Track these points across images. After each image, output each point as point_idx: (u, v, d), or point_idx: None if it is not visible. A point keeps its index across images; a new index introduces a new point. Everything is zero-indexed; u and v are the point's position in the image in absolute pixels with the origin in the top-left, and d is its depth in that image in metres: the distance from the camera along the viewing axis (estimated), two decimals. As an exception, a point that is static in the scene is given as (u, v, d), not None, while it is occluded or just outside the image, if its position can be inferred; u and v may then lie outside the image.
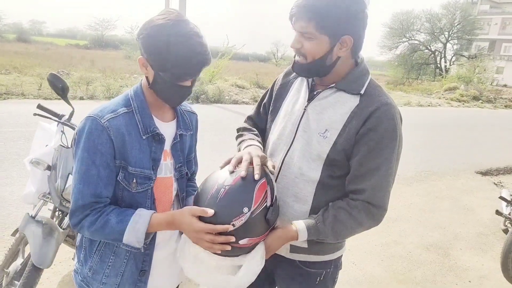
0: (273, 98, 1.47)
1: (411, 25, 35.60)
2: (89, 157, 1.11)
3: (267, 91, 1.53)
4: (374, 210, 1.24)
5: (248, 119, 1.58)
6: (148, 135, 1.19)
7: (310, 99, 1.31)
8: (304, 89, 1.35)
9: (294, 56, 1.27)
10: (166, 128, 1.26)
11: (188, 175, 1.39)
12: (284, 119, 1.37)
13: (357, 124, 1.21)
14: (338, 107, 1.25)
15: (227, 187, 1.11)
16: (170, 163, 1.28)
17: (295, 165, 1.29)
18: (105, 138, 1.12)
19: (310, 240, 1.28)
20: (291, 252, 1.35)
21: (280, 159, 1.33)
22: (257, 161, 1.18)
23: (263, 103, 1.53)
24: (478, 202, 5.05)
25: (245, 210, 1.09)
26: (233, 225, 1.08)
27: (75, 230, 1.17)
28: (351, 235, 1.29)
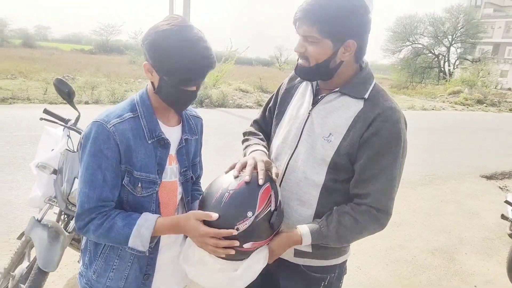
0: (278, 102, 1.48)
1: (414, 29, 35.57)
2: (95, 162, 1.13)
3: (273, 95, 1.54)
4: (379, 214, 1.23)
5: (254, 122, 1.59)
6: (153, 140, 1.20)
7: (315, 103, 1.32)
8: (309, 93, 1.36)
9: (298, 60, 1.28)
10: (172, 133, 1.26)
11: (193, 179, 1.39)
12: (288, 123, 1.38)
13: (361, 129, 1.21)
14: (342, 111, 1.26)
15: (231, 192, 1.12)
16: (175, 167, 1.28)
17: (299, 169, 1.30)
18: (111, 142, 1.13)
19: (314, 245, 1.28)
20: (295, 256, 1.35)
21: (284, 163, 1.34)
22: (261, 166, 1.19)
23: (269, 107, 1.54)
24: (483, 206, 5.01)
25: (249, 214, 1.09)
26: (237, 229, 1.09)
27: (81, 233, 1.19)
28: (355, 239, 1.29)
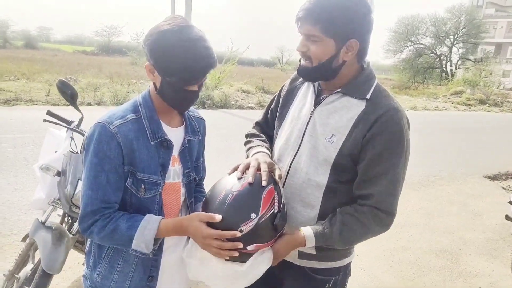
0: (280, 104, 1.48)
1: (416, 29, 35.46)
2: (98, 163, 1.13)
3: (274, 96, 1.54)
4: (382, 215, 1.23)
5: (256, 124, 1.59)
6: (156, 141, 1.20)
7: (317, 104, 1.31)
8: (311, 94, 1.36)
9: (300, 60, 1.28)
10: (174, 134, 1.27)
11: (196, 180, 1.39)
12: (291, 125, 1.37)
13: (363, 129, 1.21)
14: (345, 112, 1.25)
15: (234, 193, 1.12)
16: (178, 168, 1.28)
17: (302, 170, 1.29)
18: (114, 144, 1.13)
19: (318, 247, 1.27)
20: (299, 258, 1.34)
21: (287, 164, 1.33)
22: (264, 167, 1.19)
23: (271, 108, 1.54)
24: (487, 207, 4.99)
25: (252, 216, 1.09)
26: (240, 231, 1.09)
27: (85, 235, 1.19)
28: (359, 241, 1.29)
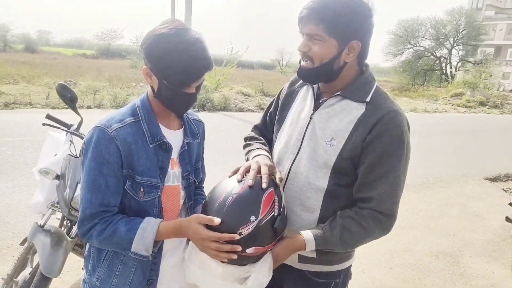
0: (279, 108, 1.47)
1: (416, 32, 35.50)
2: (96, 167, 1.13)
3: (273, 100, 1.53)
4: (383, 218, 1.22)
5: (255, 128, 1.58)
6: (155, 144, 1.20)
7: (316, 107, 1.31)
8: (310, 97, 1.35)
9: (300, 61, 1.27)
10: (173, 137, 1.26)
11: (196, 183, 1.39)
12: (290, 128, 1.37)
13: (363, 132, 1.20)
14: (344, 115, 1.25)
15: (234, 196, 1.11)
16: (177, 171, 1.28)
17: (302, 174, 1.29)
18: (112, 148, 1.13)
19: (318, 250, 1.26)
20: (299, 262, 1.34)
21: (287, 168, 1.33)
22: (264, 170, 1.18)
23: (269, 112, 1.53)
24: (487, 209, 4.98)
25: (252, 218, 1.09)
26: (240, 234, 1.08)
27: (84, 239, 1.18)
28: (360, 244, 1.28)
